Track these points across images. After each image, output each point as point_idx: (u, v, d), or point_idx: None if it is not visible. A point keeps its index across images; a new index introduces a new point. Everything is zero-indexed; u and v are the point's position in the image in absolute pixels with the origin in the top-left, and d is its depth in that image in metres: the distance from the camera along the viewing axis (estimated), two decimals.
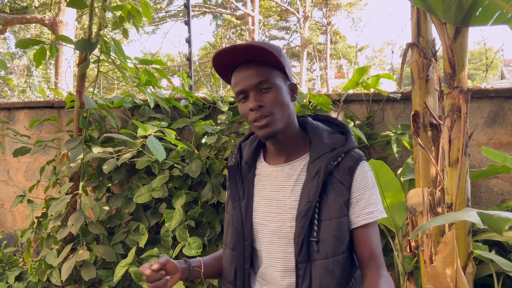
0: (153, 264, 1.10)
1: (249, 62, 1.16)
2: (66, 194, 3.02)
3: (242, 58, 1.16)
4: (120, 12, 3.08)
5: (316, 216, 1.14)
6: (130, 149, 2.97)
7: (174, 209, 2.89)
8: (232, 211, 1.26)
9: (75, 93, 3.11)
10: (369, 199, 1.17)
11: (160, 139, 2.92)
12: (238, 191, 1.27)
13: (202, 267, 1.29)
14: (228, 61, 1.18)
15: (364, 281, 1.15)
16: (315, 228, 1.13)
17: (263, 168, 1.29)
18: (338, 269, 1.14)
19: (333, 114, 3.09)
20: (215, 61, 1.17)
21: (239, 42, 21.01)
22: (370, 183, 1.19)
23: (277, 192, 1.22)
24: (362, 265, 1.17)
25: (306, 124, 1.28)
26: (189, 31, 4.48)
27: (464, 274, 1.71)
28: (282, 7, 20.45)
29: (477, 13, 1.56)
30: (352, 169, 1.17)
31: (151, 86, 3.43)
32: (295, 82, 1.25)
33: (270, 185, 1.24)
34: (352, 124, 2.95)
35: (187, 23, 4.51)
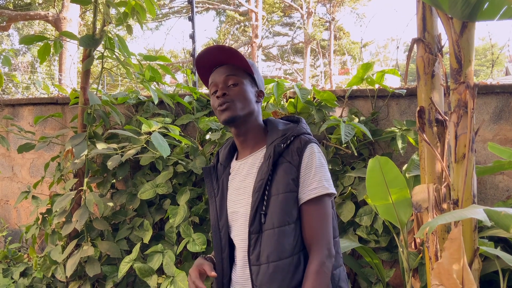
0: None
1: (222, 65, 1.39)
2: (71, 190, 3.02)
3: (218, 59, 1.38)
4: (124, 8, 3.07)
5: (266, 192, 1.27)
6: (135, 145, 2.97)
7: (178, 205, 2.89)
8: (210, 207, 1.43)
9: (79, 89, 3.11)
10: (314, 177, 1.27)
11: (164, 135, 2.92)
12: (213, 189, 1.44)
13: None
14: (208, 64, 1.40)
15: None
16: (264, 203, 1.26)
17: (234, 165, 1.44)
18: (284, 238, 1.23)
19: (338, 110, 3.08)
20: (198, 63, 1.40)
21: (243, 38, 20.97)
22: (317, 163, 1.29)
23: (244, 181, 1.36)
24: (306, 244, 1.26)
25: (267, 120, 1.45)
26: (193, 27, 4.47)
27: (470, 270, 1.70)
28: (286, 3, 20.38)
29: (484, 7, 1.54)
30: (301, 150, 1.29)
31: (155, 82, 3.43)
32: (263, 91, 1.46)
33: (238, 176, 1.39)
34: (357, 120, 2.94)
35: (191, 19, 4.50)
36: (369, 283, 2.72)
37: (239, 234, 1.33)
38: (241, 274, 1.32)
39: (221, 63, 1.38)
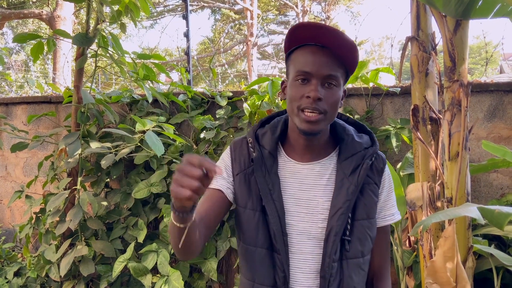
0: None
1: (325, 48, 1.07)
2: (64, 189, 3.00)
3: (324, 40, 1.06)
4: (118, 6, 3.05)
5: (350, 215, 1.10)
6: (129, 144, 2.95)
7: None
8: (267, 206, 1.12)
9: (73, 88, 3.09)
10: (392, 201, 1.21)
11: (159, 134, 2.91)
12: (267, 184, 1.14)
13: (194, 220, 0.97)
14: (303, 37, 1.08)
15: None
16: (348, 227, 1.10)
17: (287, 163, 1.19)
18: (367, 267, 1.17)
19: None
20: (297, 30, 1.08)
21: (238, 36, 20.93)
22: (393, 185, 1.22)
23: (307, 192, 1.14)
24: (372, 268, 1.21)
25: (334, 122, 1.22)
26: (187, 25, 4.45)
27: (464, 268, 1.71)
28: (281, 1, 20.36)
29: (478, 6, 1.55)
30: (382, 170, 1.18)
31: (149, 81, 3.41)
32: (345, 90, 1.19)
33: (298, 184, 1.15)
34: None
35: (185, 17, 4.48)
36: None
37: (305, 259, 1.12)
38: None
39: (323, 44, 1.07)
